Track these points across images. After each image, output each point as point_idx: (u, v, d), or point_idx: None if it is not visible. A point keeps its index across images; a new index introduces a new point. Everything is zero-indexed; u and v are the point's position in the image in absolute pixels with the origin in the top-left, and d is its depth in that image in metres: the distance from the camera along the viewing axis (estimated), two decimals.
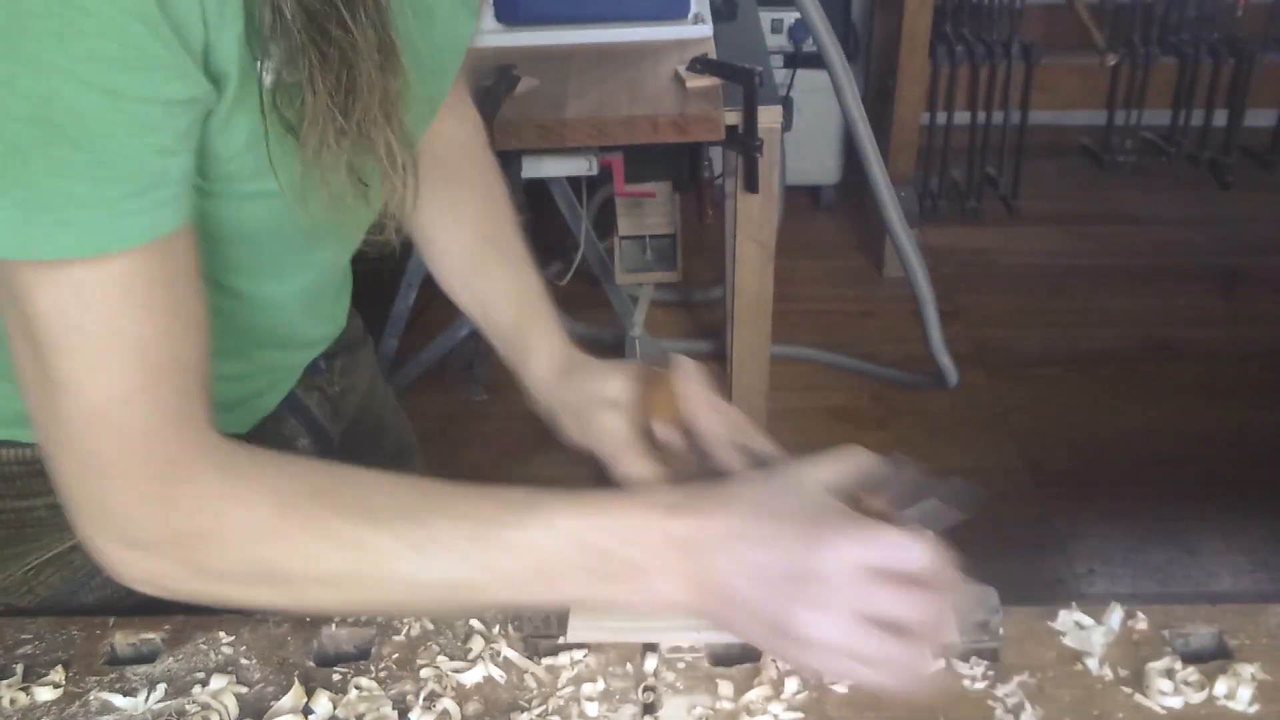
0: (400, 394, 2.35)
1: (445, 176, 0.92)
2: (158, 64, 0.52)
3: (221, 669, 0.73)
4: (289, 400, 0.93)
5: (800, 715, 0.69)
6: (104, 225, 0.54)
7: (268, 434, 0.91)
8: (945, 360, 2.42)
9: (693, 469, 0.75)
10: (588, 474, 0.80)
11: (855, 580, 0.59)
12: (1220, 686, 0.69)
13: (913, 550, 0.60)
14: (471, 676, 0.72)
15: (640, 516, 0.64)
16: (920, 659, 0.61)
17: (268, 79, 0.58)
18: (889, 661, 0.60)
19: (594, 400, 0.79)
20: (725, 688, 0.70)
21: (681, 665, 0.73)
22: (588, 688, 0.71)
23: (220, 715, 0.69)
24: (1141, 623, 0.75)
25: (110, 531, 0.62)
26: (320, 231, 0.68)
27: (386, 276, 2.40)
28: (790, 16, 2.81)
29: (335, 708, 0.70)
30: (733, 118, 1.67)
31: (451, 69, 0.82)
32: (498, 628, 0.76)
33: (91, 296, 0.56)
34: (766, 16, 2.73)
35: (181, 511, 0.62)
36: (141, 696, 0.71)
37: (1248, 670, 0.70)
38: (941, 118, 3.04)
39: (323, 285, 0.84)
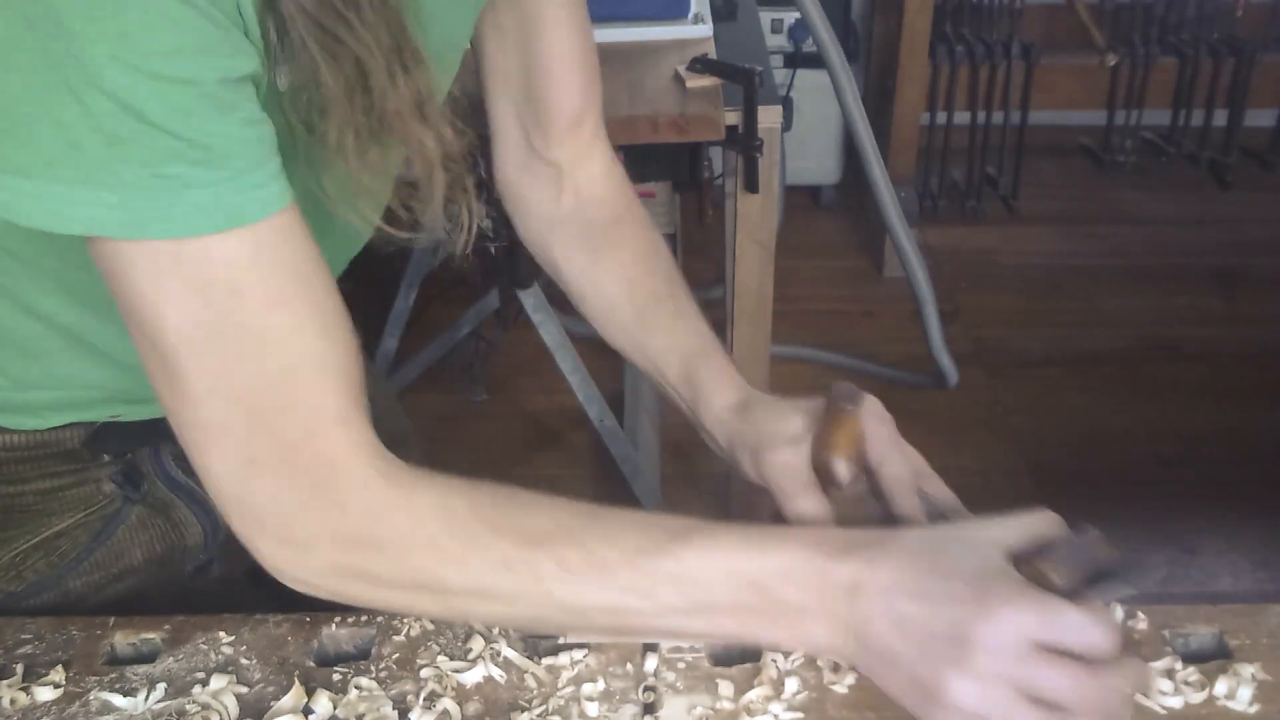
0: (400, 394, 2.36)
1: (602, 238, 0.90)
2: (214, 45, 0.53)
3: (221, 669, 0.73)
4: None
5: (800, 715, 0.69)
6: (218, 202, 0.54)
7: None
8: (945, 360, 2.42)
9: (869, 513, 0.73)
10: (766, 515, 0.78)
11: (1019, 654, 0.57)
12: (1220, 686, 0.69)
13: (1092, 632, 0.57)
14: (471, 676, 0.72)
15: (803, 556, 0.62)
16: None
17: (282, 82, 0.58)
18: None
19: (772, 436, 0.78)
20: (725, 688, 0.70)
21: (681, 665, 0.73)
22: (588, 688, 0.71)
23: (220, 715, 0.69)
24: (1141, 623, 0.75)
25: (269, 530, 0.62)
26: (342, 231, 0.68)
27: (384, 275, 2.40)
28: (790, 16, 2.81)
29: (335, 708, 0.70)
30: (733, 118, 1.67)
31: (448, 71, 0.82)
32: (498, 628, 0.76)
33: (213, 277, 0.56)
34: (766, 16, 2.73)
35: (351, 517, 0.62)
36: (141, 696, 0.71)
37: (1248, 670, 0.70)
38: (941, 118, 3.04)
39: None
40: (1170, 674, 0.70)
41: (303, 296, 0.59)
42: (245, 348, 0.58)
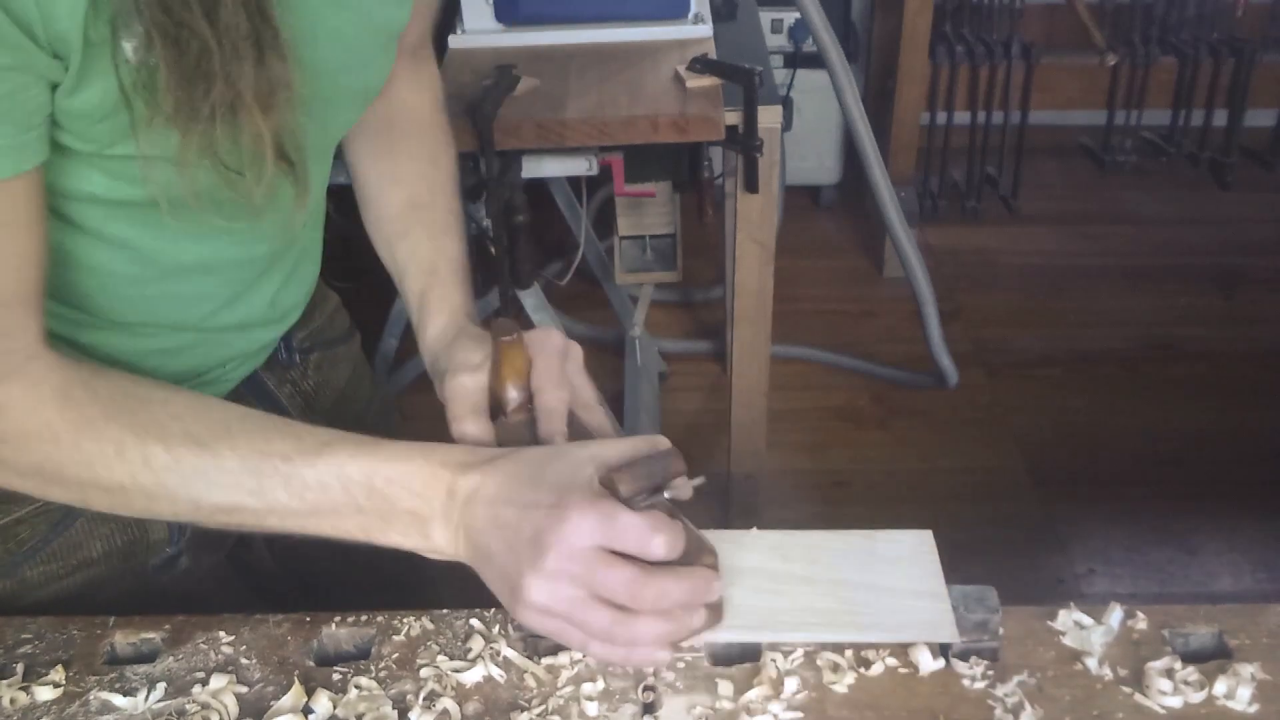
0: (400, 394, 2.36)
1: (389, 143, 0.94)
2: None
3: (221, 669, 0.73)
4: (257, 390, 0.93)
5: (800, 715, 0.69)
6: None
7: None
8: (945, 360, 2.42)
9: (529, 438, 0.77)
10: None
11: (584, 556, 0.63)
12: (1220, 686, 0.69)
13: (644, 535, 0.63)
14: (471, 676, 0.72)
15: (425, 468, 0.68)
16: (645, 637, 0.64)
17: (130, 54, 0.59)
18: (607, 636, 0.64)
19: (456, 364, 0.81)
20: (725, 688, 0.70)
21: (681, 665, 0.73)
22: (588, 687, 0.71)
23: (220, 715, 0.69)
24: (1141, 623, 0.75)
25: None
26: (207, 203, 0.68)
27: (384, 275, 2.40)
28: (790, 16, 2.81)
29: (335, 708, 0.70)
30: (733, 118, 1.67)
31: (382, 60, 0.83)
32: (498, 628, 0.76)
33: None
34: (766, 16, 2.73)
35: None
36: (141, 696, 0.71)
37: (1248, 670, 0.70)
38: (941, 118, 3.04)
39: (253, 263, 0.84)
40: (1170, 674, 0.70)
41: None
42: None
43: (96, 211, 0.71)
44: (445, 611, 0.77)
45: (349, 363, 1.05)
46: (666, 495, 0.68)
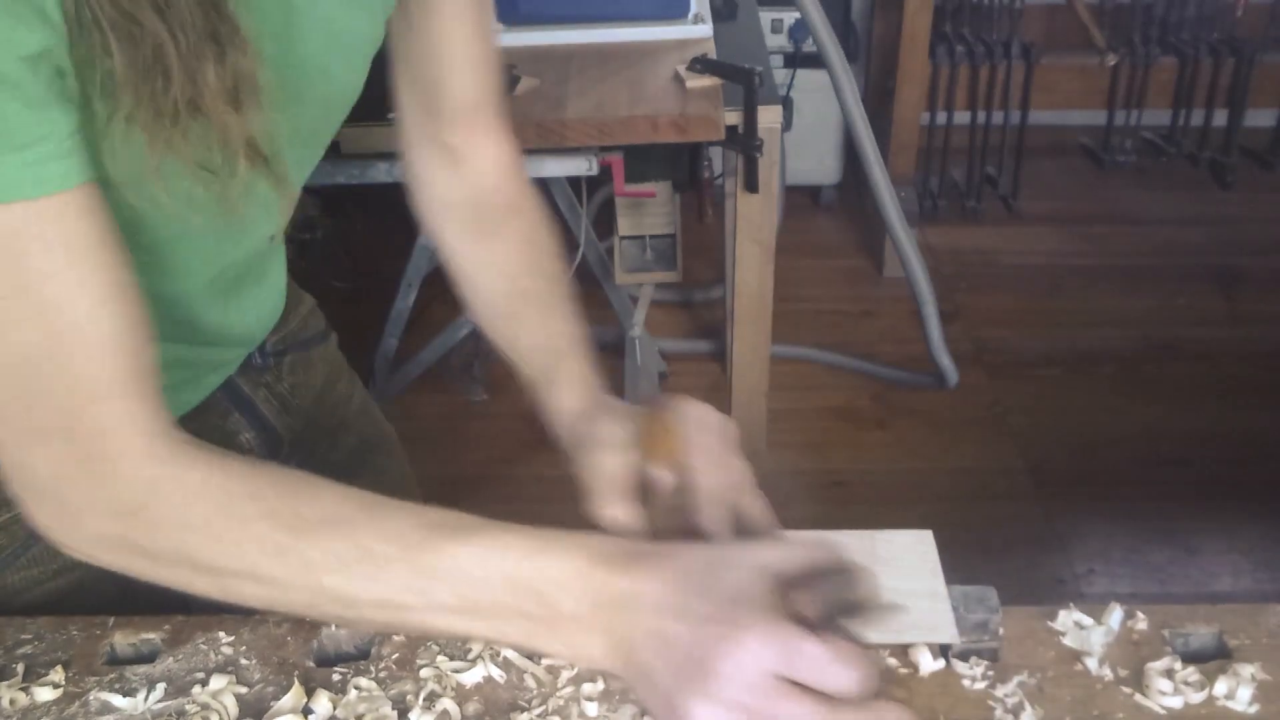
0: (400, 394, 2.36)
1: (480, 229, 0.91)
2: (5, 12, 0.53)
3: (221, 669, 0.73)
4: (232, 394, 0.93)
5: None
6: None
7: (209, 427, 0.91)
8: (945, 360, 2.42)
9: (683, 525, 0.71)
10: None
11: (759, 685, 0.56)
12: (1220, 686, 0.69)
13: (831, 669, 0.56)
14: (471, 676, 0.72)
15: (582, 567, 0.61)
16: None
17: (80, 52, 0.57)
18: None
19: (599, 440, 0.77)
20: None
21: None
22: (588, 688, 0.71)
23: (220, 715, 0.69)
24: (1141, 623, 0.75)
25: (44, 496, 0.63)
26: (189, 224, 0.67)
27: (384, 275, 2.40)
28: (790, 16, 2.81)
29: (335, 708, 0.70)
30: (733, 118, 1.67)
31: (350, 74, 0.80)
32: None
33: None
34: (766, 16, 2.73)
35: (123, 489, 0.62)
36: (141, 696, 0.71)
37: (1248, 670, 0.70)
38: (941, 118, 3.04)
39: (224, 275, 0.83)
40: (1170, 674, 0.70)
41: (80, 270, 0.60)
42: (20, 314, 0.59)
43: None
44: None
45: (325, 363, 1.04)
46: (871, 615, 0.60)
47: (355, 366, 1.10)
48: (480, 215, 0.92)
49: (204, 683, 0.72)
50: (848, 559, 0.62)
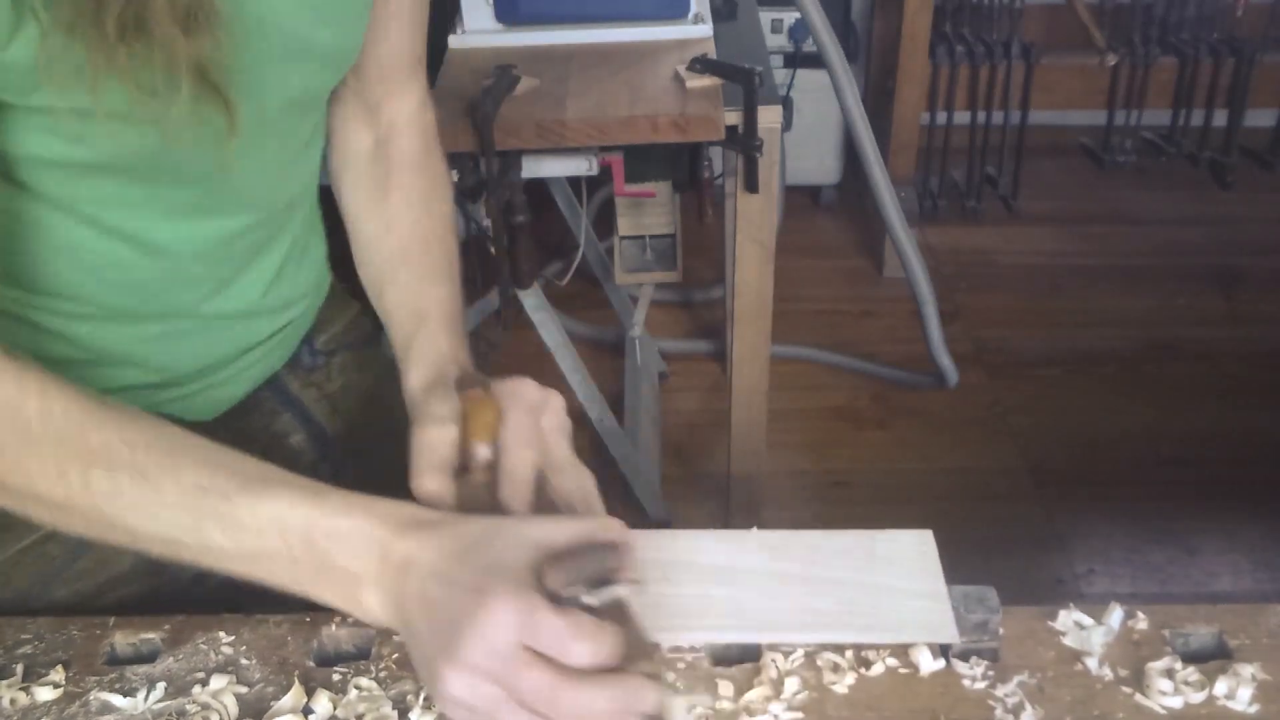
0: None
1: (381, 187, 0.91)
2: None
3: (221, 669, 0.73)
4: (280, 394, 0.93)
5: (800, 715, 0.69)
6: None
7: (256, 427, 0.91)
8: (945, 360, 2.42)
9: (486, 497, 0.72)
10: None
11: (504, 655, 0.57)
12: (1220, 686, 0.69)
13: (567, 641, 0.57)
14: None
15: (364, 525, 0.63)
16: None
17: None
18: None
19: (426, 415, 0.76)
20: (725, 688, 0.70)
21: (681, 665, 0.73)
22: None
23: (220, 715, 0.69)
24: (1141, 623, 0.75)
25: None
26: (168, 161, 0.67)
27: None
28: (790, 16, 2.81)
29: (335, 708, 0.70)
30: (733, 118, 1.66)
31: (335, 26, 0.79)
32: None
33: None
34: (766, 16, 2.73)
35: None
36: (141, 696, 0.71)
37: (1248, 670, 0.70)
38: (941, 118, 3.03)
39: (233, 245, 0.83)
40: (1170, 674, 0.70)
41: None
42: None
43: (57, 178, 0.69)
44: None
45: (376, 364, 1.04)
46: (617, 590, 0.61)
47: None
48: (380, 168, 0.91)
49: (204, 683, 0.72)
50: (615, 532, 0.63)
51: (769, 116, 1.68)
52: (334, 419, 0.97)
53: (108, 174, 0.70)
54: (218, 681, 0.72)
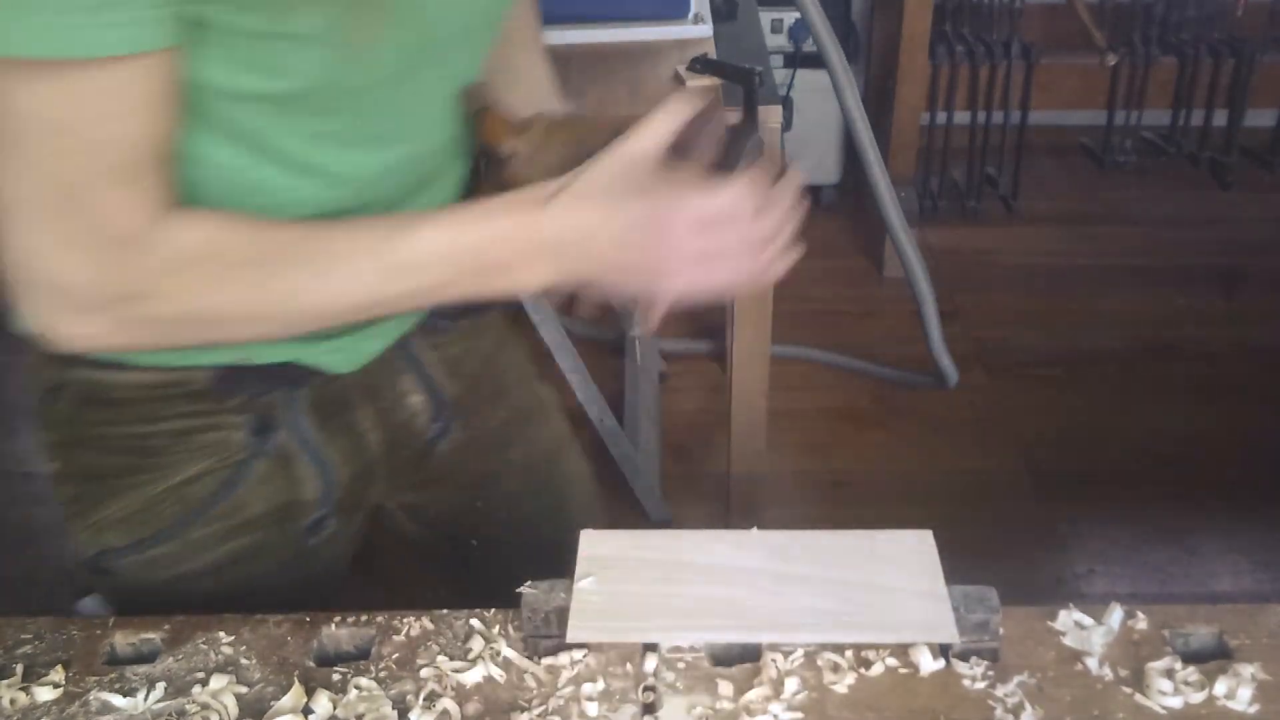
0: None
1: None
2: None
3: (221, 669, 0.73)
4: (406, 355, 0.94)
5: (800, 715, 0.69)
6: (86, 33, 0.59)
7: (384, 385, 0.93)
8: (945, 360, 2.41)
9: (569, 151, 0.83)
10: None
11: (693, 243, 0.73)
12: (1220, 686, 0.69)
13: (736, 203, 0.74)
14: (471, 676, 0.72)
15: (510, 220, 0.74)
16: (759, 263, 0.76)
17: None
18: (729, 272, 0.76)
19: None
20: (725, 688, 0.70)
21: (681, 665, 0.73)
22: (588, 688, 0.71)
23: (220, 715, 0.69)
24: (1141, 623, 0.75)
25: (59, 297, 0.68)
26: (352, 88, 0.71)
27: None
28: (790, 16, 2.81)
29: (335, 708, 0.70)
30: (733, 118, 1.66)
31: None
32: (498, 628, 0.76)
33: (75, 93, 0.62)
34: (766, 16, 2.73)
35: (130, 270, 0.68)
36: (141, 696, 0.71)
37: (1248, 670, 0.70)
38: (941, 118, 3.04)
39: (419, 174, 0.85)
40: (1170, 674, 0.70)
41: (141, 116, 0.65)
42: (57, 144, 0.64)
43: (249, 113, 0.71)
44: (445, 611, 0.77)
45: (493, 330, 1.05)
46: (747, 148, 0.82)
47: None
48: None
49: (204, 683, 0.72)
50: (689, 106, 0.77)
51: (769, 116, 1.69)
52: (450, 381, 0.98)
53: (296, 105, 0.71)
54: (218, 681, 0.72)
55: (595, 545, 0.79)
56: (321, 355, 0.86)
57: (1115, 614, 0.75)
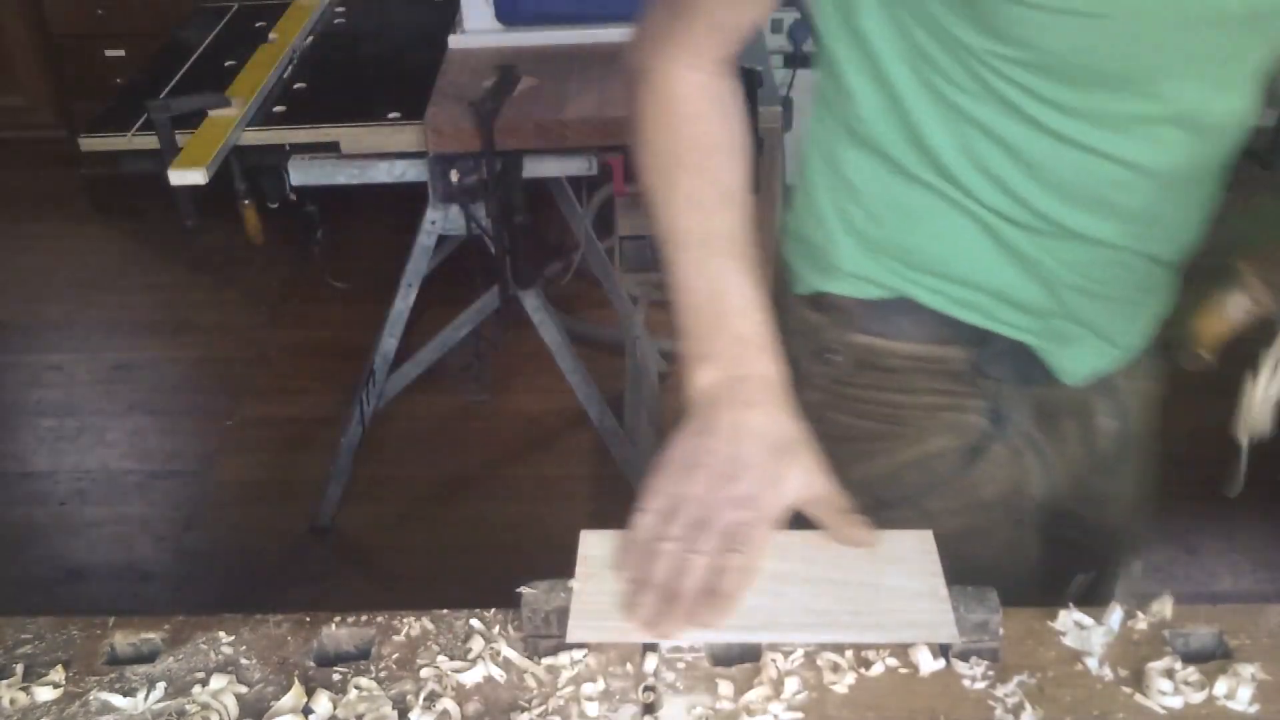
0: (400, 394, 2.35)
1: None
2: None
3: (221, 669, 0.73)
4: (1105, 387, 0.94)
5: (800, 715, 0.69)
6: None
7: (1089, 404, 0.93)
8: None
9: None
10: None
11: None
12: (1220, 686, 0.69)
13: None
14: (471, 676, 0.72)
15: (749, 342, 0.83)
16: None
17: None
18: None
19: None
20: (725, 688, 0.70)
21: (681, 665, 0.73)
22: (588, 688, 0.71)
23: (220, 715, 0.69)
24: (1141, 623, 0.75)
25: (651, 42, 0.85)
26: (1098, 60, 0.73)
27: (385, 274, 2.40)
28: (790, 16, 2.81)
29: (335, 708, 0.70)
30: None
31: None
32: (498, 628, 0.76)
33: None
34: None
35: (655, 64, 0.85)
36: (141, 696, 0.71)
37: (1248, 670, 0.70)
38: None
39: (1181, 176, 0.86)
40: (1170, 674, 0.70)
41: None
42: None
43: (1005, 78, 0.75)
44: (445, 611, 0.77)
45: (1160, 378, 1.06)
46: None
47: (355, 367, 1.10)
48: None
49: (204, 682, 0.72)
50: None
51: (769, 116, 1.69)
52: (1133, 419, 0.98)
53: (1045, 74, 0.73)
54: (218, 681, 0.72)
55: (595, 545, 0.79)
56: (1053, 352, 0.87)
57: (1115, 614, 0.75)
